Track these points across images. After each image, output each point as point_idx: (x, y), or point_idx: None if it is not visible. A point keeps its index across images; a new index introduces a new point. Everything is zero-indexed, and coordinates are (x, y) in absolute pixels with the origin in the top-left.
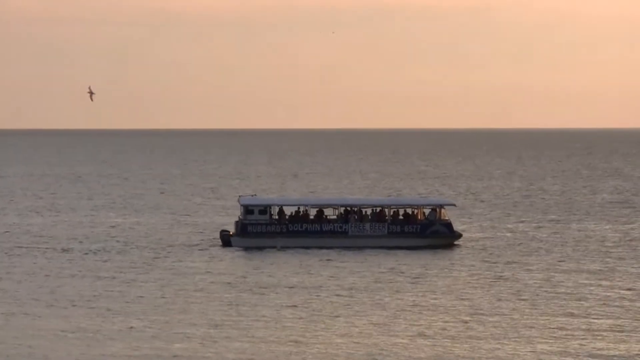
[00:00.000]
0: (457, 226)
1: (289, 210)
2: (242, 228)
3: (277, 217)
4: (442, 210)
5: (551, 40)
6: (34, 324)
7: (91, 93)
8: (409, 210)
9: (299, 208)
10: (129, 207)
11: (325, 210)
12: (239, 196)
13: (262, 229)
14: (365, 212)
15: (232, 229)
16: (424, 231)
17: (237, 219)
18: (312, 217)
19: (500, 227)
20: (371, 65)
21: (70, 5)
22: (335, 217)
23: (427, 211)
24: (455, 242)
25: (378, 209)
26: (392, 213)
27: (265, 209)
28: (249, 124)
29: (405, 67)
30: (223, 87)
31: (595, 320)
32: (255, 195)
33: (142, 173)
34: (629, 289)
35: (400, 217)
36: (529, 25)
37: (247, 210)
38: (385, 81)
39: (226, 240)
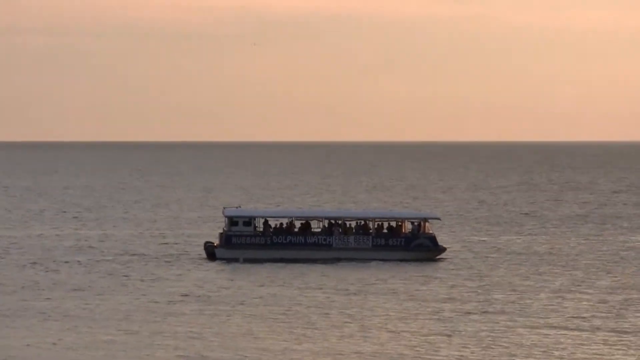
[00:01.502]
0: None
1: (274, 223)
2: (227, 240)
3: (261, 228)
4: (427, 224)
5: (508, 54)
6: (6, 335)
7: None
8: (393, 223)
9: (291, 221)
10: (108, 219)
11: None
12: (224, 208)
13: (247, 241)
14: (350, 224)
15: (216, 241)
16: (408, 244)
17: (221, 231)
18: (296, 229)
19: (484, 240)
20: (328, 76)
21: (28, 16)
22: (319, 229)
23: (410, 225)
24: (439, 256)
25: (362, 222)
26: (376, 226)
27: (249, 221)
28: (207, 137)
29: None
30: (180, 100)
31: (572, 333)
32: (240, 207)
33: (111, 185)
34: (601, 302)
35: (385, 230)
36: (488, 38)
37: (232, 221)
38: (344, 93)
39: (210, 251)
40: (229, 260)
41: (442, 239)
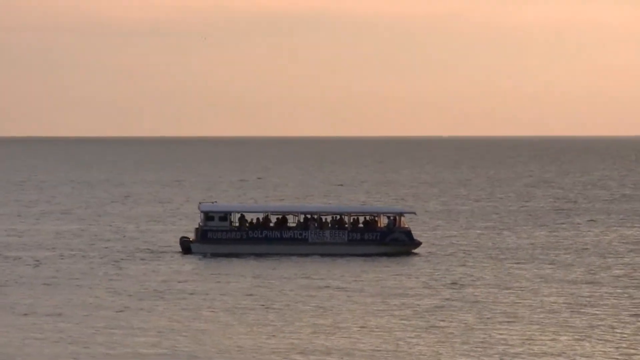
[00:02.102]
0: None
1: (249, 217)
2: (203, 235)
3: (237, 223)
4: (402, 218)
5: (480, 49)
6: None
7: None
8: (369, 218)
9: (266, 215)
10: (81, 213)
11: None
12: (200, 203)
13: (223, 236)
14: (325, 219)
15: (192, 236)
16: (384, 238)
17: (197, 226)
18: (272, 224)
19: (460, 235)
20: (305, 71)
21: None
22: (295, 224)
23: (386, 219)
24: (415, 250)
25: (338, 217)
26: (352, 220)
27: (225, 216)
28: (179, 132)
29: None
30: (154, 94)
31: (543, 327)
32: (215, 202)
33: (90, 180)
34: (572, 295)
35: (360, 224)
36: (457, 34)
37: (208, 216)
38: (322, 88)
39: (186, 246)
40: (205, 255)
41: (417, 234)
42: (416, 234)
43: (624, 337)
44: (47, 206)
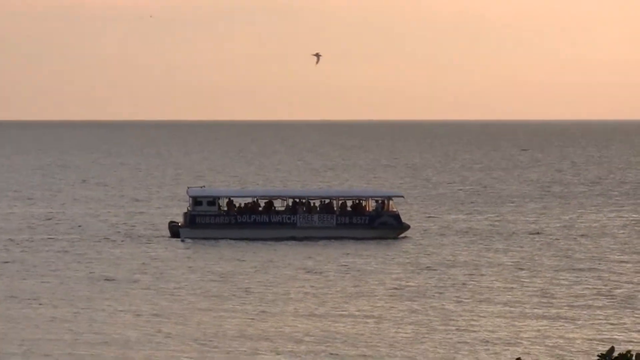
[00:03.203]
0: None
1: (238, 202)
2: (191, 219)
3: (225, 208)
4: (390, 202)
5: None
6: None
7: (318, 56)
8: (357, 202)
9: (255, 200)
10: (71, 197)
11: (274, 201)
12: (188, 187)
13: (211, 221)
14: (314, 203)
15: (181, 220)
16: (372, 222)
17: (185, 211)
18: (261, 208)
19: (447, 219)
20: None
21: None
22: (283, 208)
23: (374, 203)
24: (403, 234)
25: (326, 201)
26: (340, 204)
27: (213, 201)
28: (162, 116)
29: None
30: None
31: (526, 311)
32: (204, 186)
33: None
34: (556, 277)
35: (349, 208)
36: (432, 23)
37: (196, 201)
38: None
39: (175, 231)
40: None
41: (406, 217)
42: (404, 218)
43: (605, 319)
44: (20, 191)
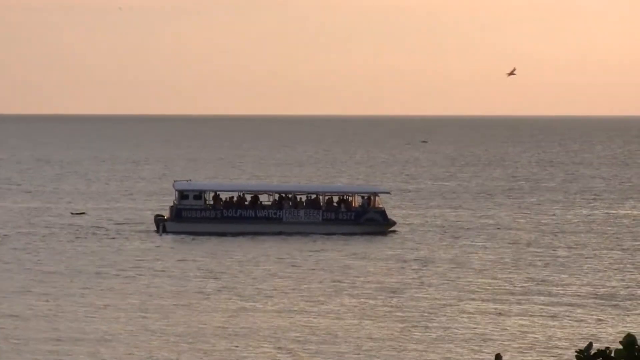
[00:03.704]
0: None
1: (224, 196)
2: (177, 213)
3: (211, 202)
4: (377, 198)
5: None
6: None
7: (512, 73)
8: (344, 197)
9: (241, 194)
10: (57, 191)
11: (260, 196)
12: (174, 181)
13: (197, 214)
14: (300, 198)
15: (166, 214)
16: (358, 218)
17: (171, 204)
18: (247, 203)
19: (432, 214)
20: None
21: None
22: (269, 203)
23: (360, 198)
24: (389, 230)
25: (313, 196)
26: (326, 200)
27: (200, 195)
28: (146, 110)
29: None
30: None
31: (509, 306)
32: (190, 180)
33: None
34: (538, 274)
35: (335, 204)
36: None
37: (182, 195)
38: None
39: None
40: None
41: (391, 213)
42: (390, 214)
43: (585, 316)
44: (8, 183)
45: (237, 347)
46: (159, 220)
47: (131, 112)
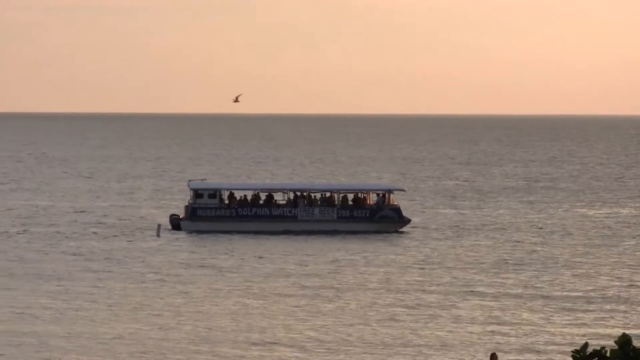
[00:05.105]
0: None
1: (239, 195)
2: (192, 212)
3: (227, 201)
4: (391, 196)
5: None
6: None
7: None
8: (359, 195)
9: (256, 193)
10: (68, 190)
11: (275, 194)
12: (189, 180)
13: (212, 213)
14: (315, 196)
15: (182, 213)
16: (373, 216)
17: (186, 203)
18: (262, 201)
19: (449, 212)
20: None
21: None
22: (284, 201)
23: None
24: (404, 228)
25: (327, 194)
26: (341, 198)
27: (215, 193)
28: (130, 108)
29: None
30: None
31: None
32: (205, 179)
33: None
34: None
35: (350, 202)
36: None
37: (197, 194)
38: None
39: (176, 224)
40: (195, 233)
41: (407, 211)
42: (405, 212)
43: (582, 315)
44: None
45: (248, 347)
46: (174, 219)
47: (130, 111)
